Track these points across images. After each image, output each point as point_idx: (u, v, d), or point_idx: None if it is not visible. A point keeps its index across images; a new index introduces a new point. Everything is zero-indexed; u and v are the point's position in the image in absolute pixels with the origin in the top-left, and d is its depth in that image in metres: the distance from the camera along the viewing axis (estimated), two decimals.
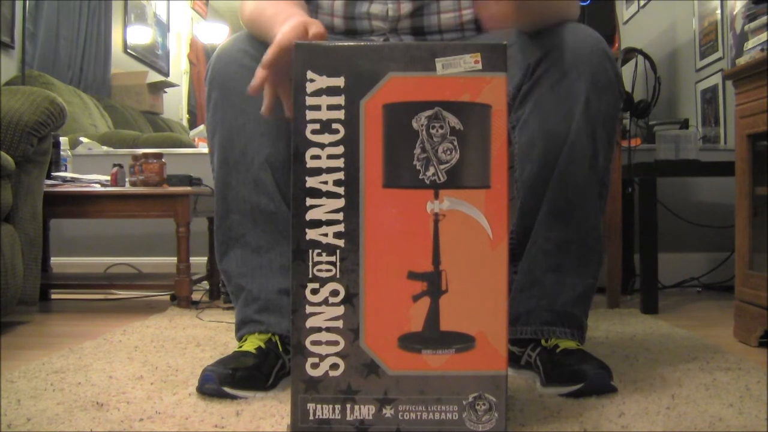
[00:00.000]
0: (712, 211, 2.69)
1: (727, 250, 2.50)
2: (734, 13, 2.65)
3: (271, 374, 1.15)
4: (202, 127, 3.66)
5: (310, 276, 0.92)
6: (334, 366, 0.91)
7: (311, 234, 0.91)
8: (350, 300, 0.91)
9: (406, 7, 1.29)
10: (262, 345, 1.19)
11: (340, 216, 0.91)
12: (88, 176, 2.39)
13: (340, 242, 0.91)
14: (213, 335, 1.71)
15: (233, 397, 1.09)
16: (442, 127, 0.91)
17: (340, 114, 0.91)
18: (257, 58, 1.19)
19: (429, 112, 0.91)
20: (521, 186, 1.23)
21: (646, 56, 2.46)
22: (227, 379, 1.10)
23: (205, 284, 2.53)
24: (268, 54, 1.05)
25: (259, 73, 1.06)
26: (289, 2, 1.22)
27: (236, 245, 1.25)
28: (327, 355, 0.91)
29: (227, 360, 1.16)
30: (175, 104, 4.94)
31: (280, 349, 1.20)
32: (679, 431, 0.95)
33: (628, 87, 2.44)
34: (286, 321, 1.19)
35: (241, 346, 1.21)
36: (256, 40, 1.22)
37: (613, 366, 1.19)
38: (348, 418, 0.92)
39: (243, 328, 1.24)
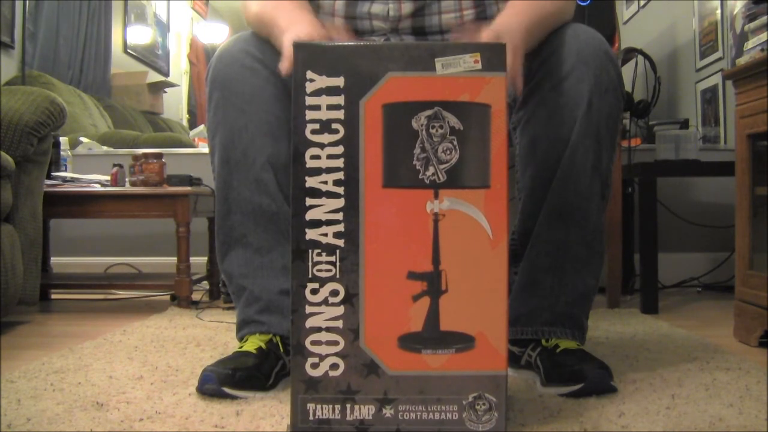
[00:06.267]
0: (712, 211, 2.69)
1: (727, 250, 2.50)
2: (734, 13, 2.65)
3: (271, 374, 1.15)
4: (202, 127, 3.66)
5: (310, 276, 0.92)
6: (334, 366, 0.91)
7: (311, 234, 0.91)
8: (350, 300, 0.91)
9: (407, 7, 1.29)
10: (263, 345, 1.19)
11: (339, 216, 0.91)
12: (88, 176, 2.39)
13: (340, 242, 0.91)
14: (213, 335, 1.71)
15: (233, 397, 1.09)
16: (441, 127, 0.91)
17: (340, 114, 0.91)
18: (259, 59, 1.20)
19: (428, 112, 0.91)
20: (523, 187, 1.23)
21: (646, 56, 2.46)
22: (227, 380, 1.10)
23: (205, 284, 2.53)
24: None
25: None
26: (293, 2, 1.22)
27: (238, 246, 1.25)
28: (327, 355, 0.91)
29: (227, 360, 1.16)
30: (175, 104, 4.94)
31: (281, 349, 1.19)
32: (679, 431, 0.95)
33: (628, 87, 2.45)
34: (288, 322, 1.18)
35: (241, 347, 1.21)
36: (259, 41, 1.22)
37: (613, 366, 1.19)
38: (348, 418, 0.91)
39: (244, 329, 1.24)
